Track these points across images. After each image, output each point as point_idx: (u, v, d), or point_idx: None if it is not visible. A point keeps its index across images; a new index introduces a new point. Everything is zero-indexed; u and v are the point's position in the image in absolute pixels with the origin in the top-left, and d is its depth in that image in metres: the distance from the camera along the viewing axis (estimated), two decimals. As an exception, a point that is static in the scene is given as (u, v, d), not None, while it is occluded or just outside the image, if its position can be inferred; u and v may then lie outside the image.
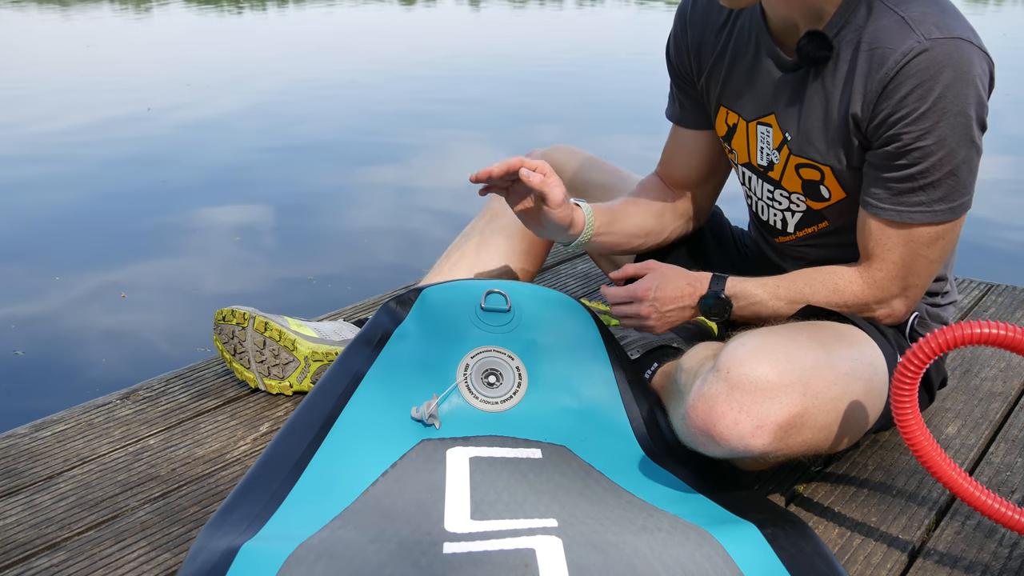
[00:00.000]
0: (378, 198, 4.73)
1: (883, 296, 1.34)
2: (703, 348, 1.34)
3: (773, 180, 1.44)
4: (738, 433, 1.15)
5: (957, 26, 1.20)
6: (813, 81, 1.31)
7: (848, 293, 1.35)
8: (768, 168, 1.43)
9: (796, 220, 1.46)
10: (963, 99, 1.20)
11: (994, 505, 1.14)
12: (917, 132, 1.21)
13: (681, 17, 1.51)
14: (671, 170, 1.62)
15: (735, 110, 1.45)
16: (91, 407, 1.63)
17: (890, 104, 1.22)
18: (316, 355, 1.61)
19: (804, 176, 1.38)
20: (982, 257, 3.67)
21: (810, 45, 1.28)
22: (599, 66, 9.29)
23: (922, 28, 1.20)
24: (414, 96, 7.58)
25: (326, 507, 1.19)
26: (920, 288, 1.35)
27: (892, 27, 1.22)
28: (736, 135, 1.47)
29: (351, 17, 15.01)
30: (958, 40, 1.19)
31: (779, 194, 1.45)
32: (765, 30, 1.37)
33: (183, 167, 5.29)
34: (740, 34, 1.42)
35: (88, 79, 8.53)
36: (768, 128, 1.40)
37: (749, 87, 1.41)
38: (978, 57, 1.20)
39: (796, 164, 1.38)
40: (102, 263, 3.73)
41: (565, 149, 1.77)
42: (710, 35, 1.46)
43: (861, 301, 1.35)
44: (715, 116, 1.50)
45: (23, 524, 1.30)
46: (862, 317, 1.36)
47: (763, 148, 1.42)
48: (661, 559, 1.11)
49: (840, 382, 1.20)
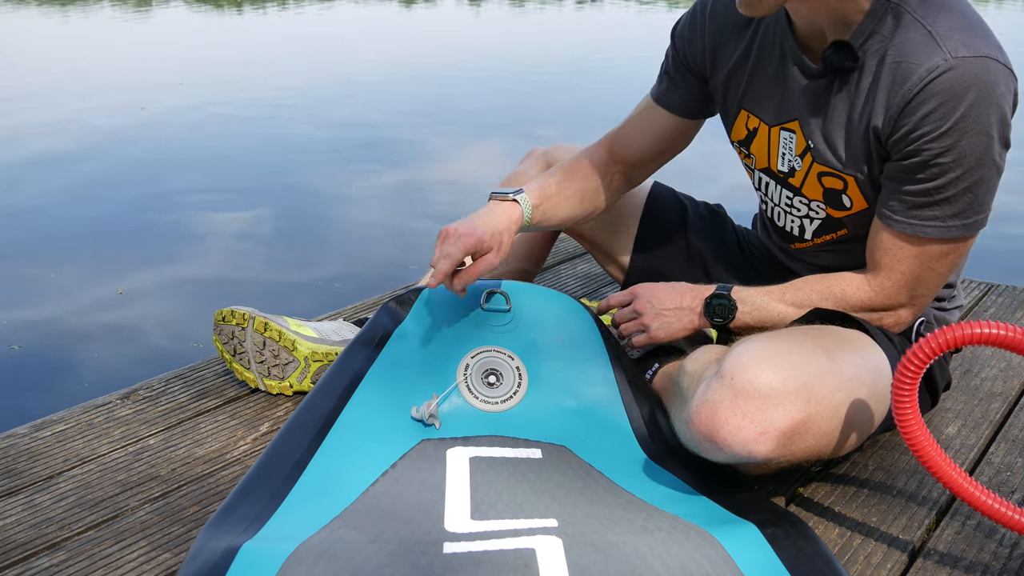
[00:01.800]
0: (378, 198, 4.73)
1: (890, 304, 1.34)
2: (707, 352, 1.34)
3: (793, 187, 1.42)
4: (741, 440, 1.14)
5: (983, 44, 1.19)
6: (838, 91, 1.30)
7: (855, 300, 1.34)
8: (789, 175, 1.42)
9: (815, 227, 1.44)
10: (985, 119, 1.18)
11: (994, 505, 1.13)
12: (937, 149, 1.20)
13: (702, 8, 1.47)
14: (627, 144, 1.58)
15: (757, 114, 1.43)
16: (91, 407, 1.63)
17: (912, 120, 1.21)
18: (316, 355, 1.61)
19: (826, 185, 1.37)
20: (982, 257, 3.65)
21: (836, 56, 1.26)
22: (599, 66, 9.28)
23: (949, 45, 1.18)
24: (414, 95, 7.57)
25: (326, 507, 1.19)
26: (927, 298, 1.35)
27: (919, 41, 1.20)
28: (757, 139, 1.45)
29: (351, 17, 15.01)
30: (985, 59, 1.18)
31: (798, 201, 1.43)
32: (791, 35, 1.34)
33: (183, 167, 5.29)
34: (764, 37, 1.39)
35: (87, 79, 8.53)
36: (792, 134, 1.38)
37: (773, 92, 1.39)
38: (1004, 76, 1.19)
39: (819, 172, 1.36)
40: (100, 262, 3.73)
41: (566, 148, 1.76)
42: (730, 34, 1.43)
43: (868, 308, 1.34)
44: (733, 119, 1.48)
45: (23, 524, 1.30)
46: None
47: (785, 154, 1.41)
48: (661, 559, 1.11)
49: (844, 388, 1.20)
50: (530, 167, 1.74)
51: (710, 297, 1.41)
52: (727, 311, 1.40)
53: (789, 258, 1.55)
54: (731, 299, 1.39)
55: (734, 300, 1.39)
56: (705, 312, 1.42)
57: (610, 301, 1.52)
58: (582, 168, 1.58)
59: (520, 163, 1.79)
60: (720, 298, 1.40)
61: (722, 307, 1.40)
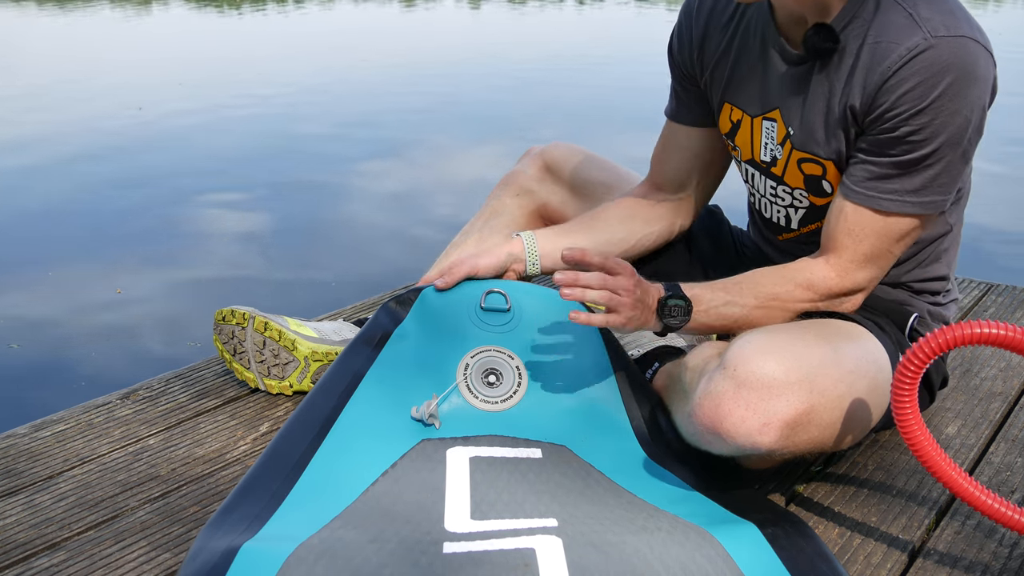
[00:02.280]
0: (377, 197, 4.73)
1: (854, 287, 1.34)
2: (708, 347, 1.34)
3: (775, 176, 1.43)
4: (745, 431, 1.15)
5: (965, 26, 1.20)
6: (818, 74, 1.31)
7: (822, 285, 1.33)
8: (771, 164, 1.43)
9: (799, 216, 1.45)
10: (963, 99, 1.19)
11: (994, 505, 1.13)
12: (913, 126, 1.21)
13: (687, 11, 1.50)
14: (662, 169, 1.60)
15: (740, 106, 1.44)
16: (91, 407, 1.63)
17: (890, 99, 1.22)
18: (316, 355, 1.61)
19: (806, 171, 1.38)
20: (982, 257, 3.67)
21: (816, 37, 1.27)
22: (599, 65, 9.28)
23: (929, 26, 1.19)
24: (414, 95, 7.57)
25: (326, 507, 1.19)
26: (877, 280, 1.36)
27: (899, 22, 1.22)
28: (740, 131, 1.46)
29: (351, 17, 15.01)
30: (964, 39, 1.19)
31: (782, 190, 1.44)
32: (772, 24, 1.36)
33: (183, 167, 5.29)
34: (746, 30, 1.41)
35: (87, 79, 8.53)
36: (773, 123, 1.39)
37: (754, 83, 1.41)
38: (984, 57, 1.20)
39: (799, 159, 1.38)
40: (100, 262, 3.73)
41: (564, 147, 1.76)
42: (715, 30, 1.46)
43: (833, 294, 1.34)
44: (718, 113, 1.50)
45: (23, 524, 1.30)
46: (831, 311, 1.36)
47: (767, 143, 1.42)
48: (661, 559, 1.11)
49: (846, 379, 1.21)
50: (527, 166, 1.75)
51: (664, 298, 1.30)
52: (683, 311, 1.30)
53: (780, 254, 1.55)
54: (686, 299, 1.30)
55: (689, 300, 1.30)
56: (659, 314, 1.30)
57: (588, 258, 1.27)
58: (623, 202, 1.61)
59: (518, 162, 1.79)
60: (675, 298, 1.30)
61: (678, 308, 1.29)
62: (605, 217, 1.59)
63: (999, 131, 5.34)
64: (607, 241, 1.57)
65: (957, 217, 1.43)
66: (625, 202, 1.61)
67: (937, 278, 1.46)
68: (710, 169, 1.59)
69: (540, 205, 1.72)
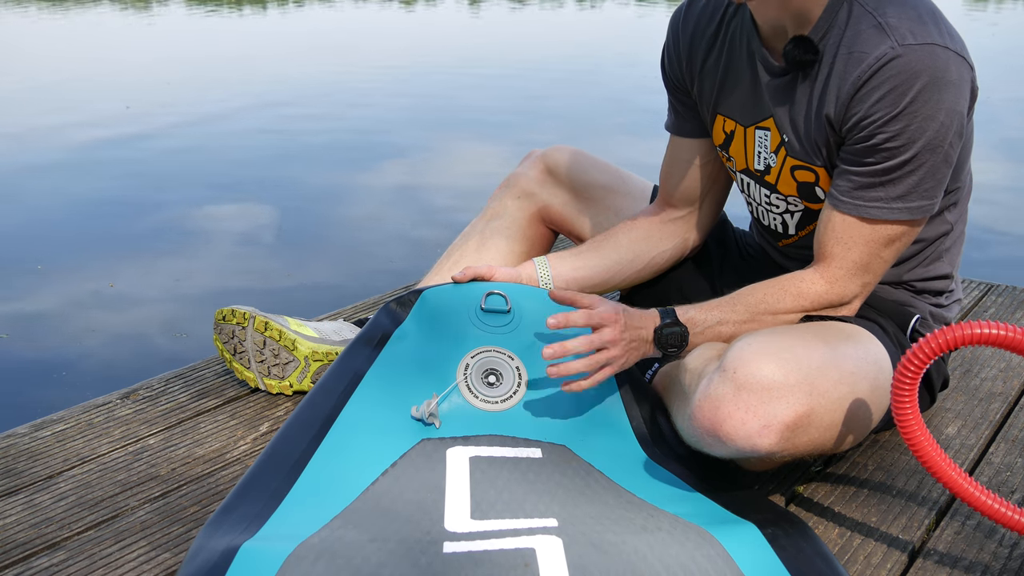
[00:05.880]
0: (378, 197, 4.73)
1: (845, 297, 1.34)
2: (708, 348, 1.34)
3: (769, 184, 1.44)
4: (745, 433, 1.15)
5: (934, 33, 1.20)
6: (802, 84, 1.32)
7: (813, 295, 1.34)
8: (765, 172, 1.43)
9: (796, 221, 1.46)
10: (935, 105, 1.20)
11: (994, 505, 1.13)
12: (889, 133, 1.22)
13: (673, 27, 1.52)
14: (670, 185, 1.60)
15: (732, 117, 1.45)
16: (91, 407, 1.63)
17: (863, 108, 1.23)
18: (316, 355, 1.61)
19: (799, 178, 1.38)
20: (982, 257, 3.67)
21: (796, 50, 1.29)
22: (599, 66, 9.29)
23: (896, 34, 1.20)
24: (414, 96, 7.58)
25: (326, 506, 1.19)
26: (872, 287, 1.36)
27: (869, 31, 1.23)
28: (734, 142, 1.46)
29: (351, 17, 15.01)
30: (932, 46, 1.19)
31: (775, 197, 1.45)
32: (756, 36, 1.37)
33: (182, 167, 5.29)
34: (732, 42, 1.42)
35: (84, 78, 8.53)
36: (766, 132, 1.40)
37: (744, 93, 1.41)
38: (955, 63, 1.20)
39: (792, 166, 1.38)
40: (100, 262, 3.73)
41: (565, 149, 1.76)
42: (701, 43, 1.47)
43: (825, 302, 1.35)
44: (712, 125, 1.50)
45: (23, 524, 1.30)
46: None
47: (760, 152, 1.42)
48: (661, 559, 1.11)
49: (846, 381, 1.21)
50: (528, 169, 1.75)
51: (660, 327, 1.33)
52: (680, 339, 1.33)
53: (784, 258, 1.56)
54: (682, 326, 1.33)
55: (685, 327, 1.33)
56: (657, 343, 1.33)
57: (570, 319, 1.30)
58: (635, 222, 1.62)
59: (519, 165, 1.79)
60: (671, 326, 1.32)
61: (674, 335, 1.32)
62: (617, 238, 1.60)
63: (998, 131, 5.35)
64: (618, 262, 1.59)
65: (958, 216, 1.43)
66: (637, 222, 1.62)
67: (940, 277, 1.46)
68: (716, 179, 1.59)
69: (541, 208, 1.72)
